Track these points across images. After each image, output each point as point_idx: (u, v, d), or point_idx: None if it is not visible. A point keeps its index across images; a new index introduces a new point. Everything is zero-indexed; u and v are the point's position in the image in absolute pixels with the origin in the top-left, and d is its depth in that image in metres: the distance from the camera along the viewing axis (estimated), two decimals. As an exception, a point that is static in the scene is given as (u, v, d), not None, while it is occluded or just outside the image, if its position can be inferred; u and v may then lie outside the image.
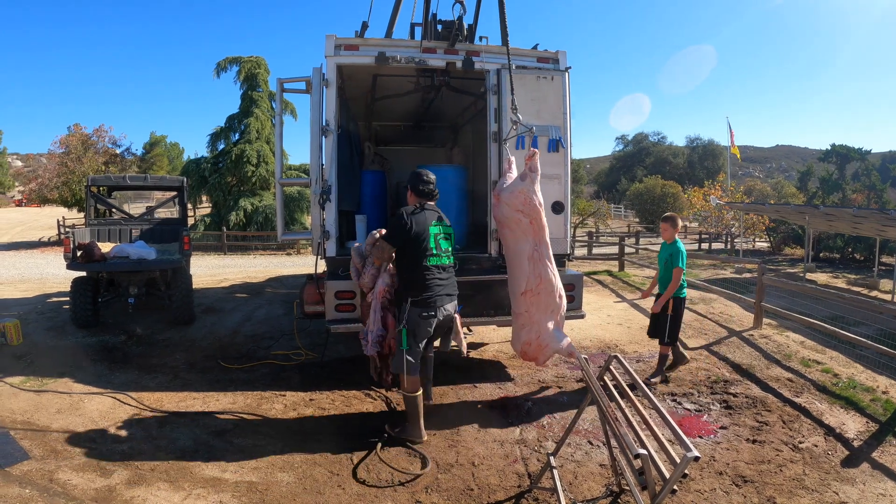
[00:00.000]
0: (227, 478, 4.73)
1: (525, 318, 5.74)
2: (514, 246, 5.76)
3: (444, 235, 5.44)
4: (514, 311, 5.85)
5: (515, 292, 5.78)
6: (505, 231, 5.85)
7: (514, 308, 5.84)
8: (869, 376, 7.19)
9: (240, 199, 29.38)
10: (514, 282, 5.81)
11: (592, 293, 13.28)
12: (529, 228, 5.66)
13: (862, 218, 15.53)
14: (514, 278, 5.79)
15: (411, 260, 5.27)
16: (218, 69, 31.60)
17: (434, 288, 5.27)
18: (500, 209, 5.80)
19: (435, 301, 5.26)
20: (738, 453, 5.23)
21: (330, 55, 6.66)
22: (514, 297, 5.83)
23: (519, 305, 5.77)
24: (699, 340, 8.99)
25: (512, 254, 5.82)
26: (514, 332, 5.94)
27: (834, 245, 25.68)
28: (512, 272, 5.85)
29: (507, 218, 5.72)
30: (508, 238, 5.83)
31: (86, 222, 10.72)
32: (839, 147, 36.92)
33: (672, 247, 7.09)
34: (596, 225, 38.86)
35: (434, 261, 5.30)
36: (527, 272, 5.65)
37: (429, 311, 5.23)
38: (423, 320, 5.23)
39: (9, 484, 4.49)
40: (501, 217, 5.80)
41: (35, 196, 33.81)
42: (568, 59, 7.17)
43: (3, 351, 7.86)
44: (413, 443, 5.35)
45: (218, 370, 7.43)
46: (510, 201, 5.66)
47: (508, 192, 5.72)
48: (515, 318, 5.87)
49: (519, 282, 5.70)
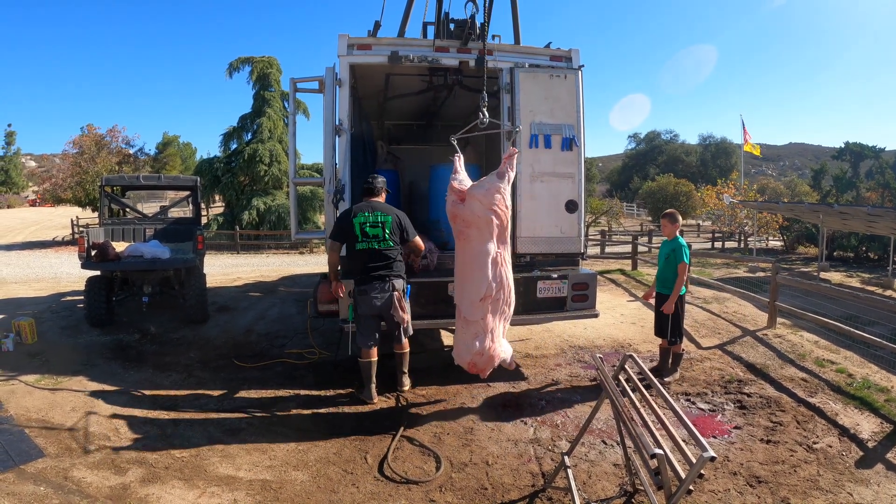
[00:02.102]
0: (242, 476, 4.75)
1: (480, 325, 5.41)
2: (479, 247, 5.39)
3: (370, 224, 6.17)
4: (467, 318, 5.46)
5: (472, 297, 5.42)
6: (471, 231, 5.41)
7: (468, 315, 5.46)
8: (884, 376, 7.13)
9: (252, 199, 29.44)
10: (472, 286, 5.43)
11: (606, 292, 13.23)
12: (497, 229, 5.41)
13: (877, 217, 15.41)
14: (473, 282, 5.42)
15: (348, 248, 6.26)
16: (230, 69, 31.69)
17: (364, 269, 6.17)
18: (470, 206, 5.37)
19: (364, 280, 6.16)
20: (753, 453, 5.20)
21: (343, 55, 6.67)
22: (468, 303, 5.46)
23: (475, 312, 5.41)
24: (713, 340, 8.94)
25: (474, 255, 5.42)
26: (463, 342, 5.51)
27: (848, 244, 25.47)
28: (470, 275, 5.46)
29: (478, 217, 5.35)
30: (473, 238, 5.41)
31: (100, 222, 10.79)
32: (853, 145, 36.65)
33: (673, 243, 7.06)
34: (609, 224, 38.80)
35: (361, 246, 6.15)
36: (489, 276, 5.38)
37: (361, 287, 6.17)
38: (360, 297, 6.18)
39: (24, 482, 4.52)
40: (470, 215, 5.37)
41: (49, 196, 34.07)
42: (581, 56, 7.16)
43: (17, 349, 7.91)
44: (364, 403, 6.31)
45: (232, 369, 7.46)
46: (485, 199, 5.35)
47: (484, 189, 5.40)
48: (466, 326, 5.49)
49: (479, 286, 5.38)
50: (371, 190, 6.42)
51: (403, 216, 6.39)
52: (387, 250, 6.20)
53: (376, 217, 6.19)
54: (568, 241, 7.11)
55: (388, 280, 6.18)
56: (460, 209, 5.44)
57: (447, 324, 7.99)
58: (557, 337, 8.90)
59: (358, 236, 6.14)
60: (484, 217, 5.33)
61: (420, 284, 6.80)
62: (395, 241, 6.26)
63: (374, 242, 6.16)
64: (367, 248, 6.15)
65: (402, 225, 6.31)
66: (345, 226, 6.20)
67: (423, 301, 6.86)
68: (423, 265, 6.81)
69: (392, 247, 6.23)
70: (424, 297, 6.86)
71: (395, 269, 6.25)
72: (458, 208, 5.46)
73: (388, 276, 6.18)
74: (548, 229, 6.97)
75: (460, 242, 5.53)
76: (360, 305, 6.21)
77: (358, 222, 6.14)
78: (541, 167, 6.86)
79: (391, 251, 6.22)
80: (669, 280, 7.01)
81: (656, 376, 6.90)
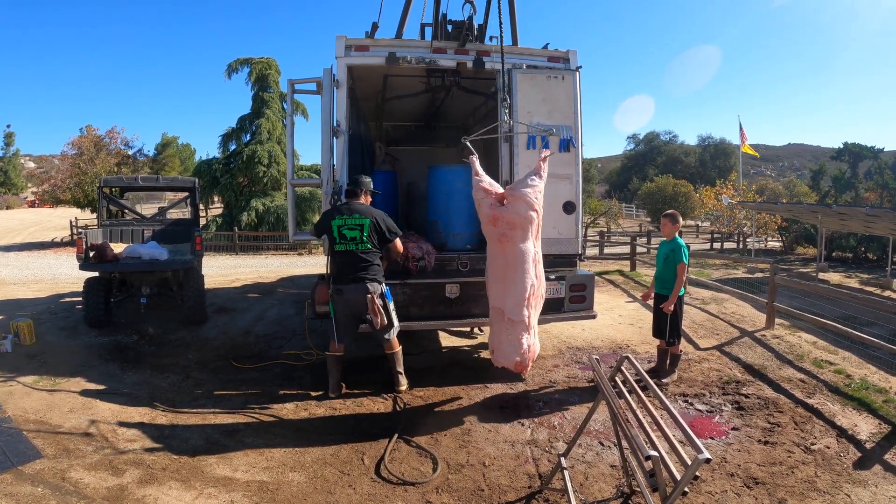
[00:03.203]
0: (239, 477, 4.75)
1: (525, 324, 5.54)
2: (523, 247, 5.51)
3: (348, 227, 6.24)
4: (512, 318, 5.53)
5: (518, 298, 5.51)
6: (515, 232, 5.49)
7: (513, 315, 5.53)
8: (882, 377, 7.13)
9: (251, 200, 29.49)
10: (516, 287, 5.52)
11: (604, 293, 13.24)
12: (536, 228, 5.60)
13: (875, 217, 15.45)
14: (518, 282, 5.51)
15: (328, 248, 6.43)
16: (229, 70, 31.74)
17: (340, 270, 6.32)
18: (515, 207, 5.46)
19: (341, 281, 6.30)
20: (750, 455, 5.20)
21: (340, 56, 6.68)
22: (513, 304, 5.53)
23: (521, 311, 5.51)
24: (711, 340, 8.94)
25: (518, 256, 5.51)
26: (509, 342, 5.57)
27: (847, 244, 25.50)
28: (513, 276, 5.53)
29: (523, 217, 5.46)
30: (518, 239, 5.50)
31: (98, 223, 10.79)
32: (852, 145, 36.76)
33: (672, 243, 7.05)
34: (607, 224, 38.80)
35: (339, 248, 6.26)
36: (532, 275, 5.55)
37: (338, 287, 6.31)
38: (337, 296, 6.33)
39: (21, 482, 4.52)
40: (515, 216, 5.46)
41: (48, 197, 34.08)
42: (579, 57, 7.16)
43: (16, 350, 7.91)
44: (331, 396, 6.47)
45: (230, 370, 7.47)
46: (529, 199, 5.48)
47: (528, 188, 5.53)
48: (512, 327, 5.54)
49: (524, 285, 5.51)
50: (351, 192, 6.48)
51: (383, 217, 6.41)
52: (364, 252, 6.26)
53: (354, 219, 6.25)
54: (566, 242, 7.11)
55: (364, 282, 6.22)
56: (503, 211, 5.50)
57: (445, 325, 8.01)
58: (555, 338, 8.90)
59: (336, 238, 6.24)
60: (528, 217, 5.47)
61: (417, 286, 6.80)
62: (374, 244, 6.31)
63: (352, 244, 6.24)
64: (345, 250, 6.24)
65: (380, 227, 6.33)
66: (324, 227, 6.35)
67: (420, 302, 6.86)
68: (420, 266, 6.80)
69: (369, 249, 6.28)
70: (422, 298, 6.86)
71: (371, 272, 6.30)
72: (499, 210, 5.52)
73: (363, 279, 6.23)
74: (545, 230, 6.91)
75: (503, 244, 5.56)
76: (337, 305, 6.35)
77: (336, 225, 6.25)
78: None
79: (368, 254, 6.28)
80: (668, 281, 7.01)
81: (654, 377, 6.91)
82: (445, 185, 7.61)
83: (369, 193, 6.58)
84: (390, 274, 6.80)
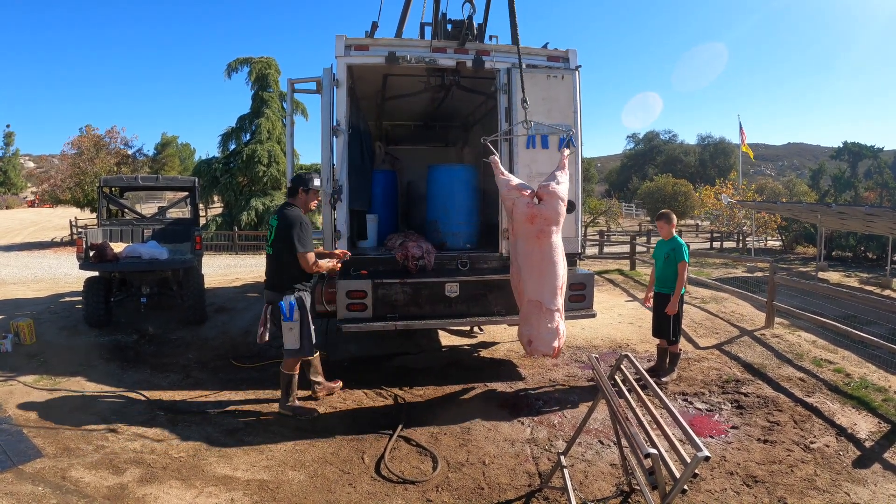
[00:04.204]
0: (239, 476, 4.76)
1: (560, 311, 5.72)
2: (556, 240, 5.72)
3: (270, 228, 5.95)
4: (549, 307, 5.63)
5: (554, 287, 5.67)
6: (552, 227, 5.67)
7: (550, 304, 5.63)
8: (881, 376, 7.14)
9: (251, 199, 29.48)
10: (552, 278, 5.68)
11: (604, 292, 13.24)
12: (563, 221, 5.83)
13: (875, 216, 15.45)
14: (553, 274, 5.67)
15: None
16: (229, 70, 31.71)
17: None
18: (554, 204, 5.68)
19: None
20: (749, 453, 5.21)
21: (340, 55, 6.67)
22: (549, 293, 5.65)
23: (557, 300, 5.67)
24: (710, 340, 8.95)
25: (553, 249, 5.69)
26: (549, 330, 5.63)
27: (846, 244, 25.51)
28: (550, 268, 5.67)
29: (559, 214, 5.73)
30: (553, 234, 5.70)
31: (98, 223, 10.78)
32: (851, 145, 36.79)
33: (672, 242, 7.04)
34: (607, 224, 38.81)
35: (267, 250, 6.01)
36: (562, 264, 5.75)
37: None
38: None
39: (22, 482, 4.53)
40: (553, 213, 5.67)
41: (48, 197, 34.07)
42: (578, 56, 7.16)
43: (16, 350, 7.91)
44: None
45: (229, 369, 7.47)
46: (564, 195, 5.79)
47: (561, 185, 5.82)
48: (550, 315, 5.64)
49: (559, 275, 5.70)
50: (289, 190, 6.16)
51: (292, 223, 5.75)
52: (269, 257, 5.97)
53: (273, 220, 5.95)
54: (565, 241, 7.07)
55: (270, 290, 5.96)
56: (541, 209, 5.70)
57: (445, 324, 8.01)
58: (555, 337, 8.88)
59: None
60: (561, 212, 5.74)
61: (417, 285, 6.80)
62: (279, 248, 5.81)
63: (267, 247, 6.02)
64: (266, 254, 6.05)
65: (286, 233, 5.74)
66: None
67: (420, 301, 6.86)
68: (420, 265, 6.80)
69: (271, 254, 5.91)
70: (422, 297, 6.86)
71: (273, 280, 5.96)
72: (537, 209, 5.71)
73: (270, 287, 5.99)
74: (545, 230, 6.97)
75: (539, 240, 5.70)
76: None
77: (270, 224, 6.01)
78: (538, 167, 6.86)
79: (272, 259, 5.94)
80: (670, 279, 6.99)
81: (654, 376, 6.91)
82: (445, 185, 7.62)
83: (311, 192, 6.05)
84: (392, 273, 6.80)
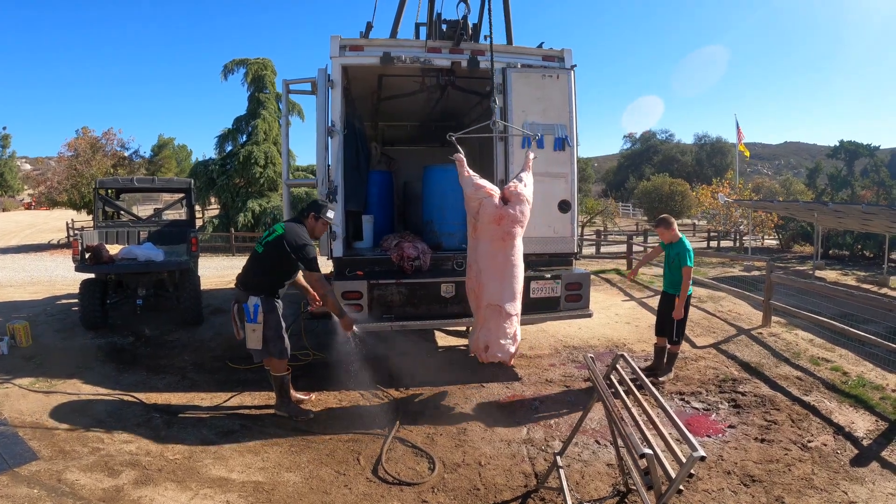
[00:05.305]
0: (234, 478, 4.74)
1: (518, 315, 5.74)
2: (518, 243, 5.70)
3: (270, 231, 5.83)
4: (510, 311, 5.60)
5: (514, 291, 5.66)
6: (516, 229, 5.65)
7: (511, 308, 5.61)
8: (878, 374, 7.15)
9: (248, 201, 29.46)
10: (516, 281, 5.67)
11: (600, 292, 13.23)
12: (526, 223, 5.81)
13: (871, 215, 15.49)
14: (515, 277, 5.67)
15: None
16: (225, 71, 31.72)
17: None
18: (521, 206, 5.67)
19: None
20: (747, 452, 5.21)
21: (335, 56, 6.67)
22: (510, 297, 5.62)
23: (516, 305, 5.68)
24: (708, 339, 8.95)
25: (515, 252, 5.68)
26: (508, 335, 5.59)
27: (843, 242, 25.56)
28: (512, 271, 5.66)
29: (525, 216, 5.72)
30: (518, 236, 5.68)
31: (94, 224, 10.76)
32: (848, 143, 36.82)
33: (677, 245, 6.97)
34: (604, 223, 38.84)
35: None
36: (521, 267, 5.76)
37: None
38: None
39: (18, 484, 4.51)
40: (521, 215, 5.65)
41: (44, 199, 33.94)
42: (574, 54, 7.16)
43: (12, 352, 7.88)
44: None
45: (226, 371, 7.45)
46: (529, 198, 5.78)
47: (526, 186, 5.81)
48: (509, 319, 5.61)
49: (519, 279, 5.71)
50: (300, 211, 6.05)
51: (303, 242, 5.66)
52: (255, 255, 5.84)
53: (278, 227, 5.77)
54: (561, 241, 7.11)
55: (236, 286, 5.98)
56: (508, 210, 5.61)
57: (441, 324, 8.00)
58: (552, 337, 8.90)
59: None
60: (526, 215, 5.72)
61: (413, 285, 6.79)
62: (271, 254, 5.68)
63: (258, 245, 5.87)
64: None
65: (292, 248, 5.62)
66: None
67: (416, 302, 6.86)
68: (415, 266, 6.80)
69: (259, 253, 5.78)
70: (418, 297, 6.86)
71: (246, 279, 5.86)
72: (504, 209, 5.61)
73: (239, 282, 5.95)
74: (541, 229, 6.96)
75: (504, 242, 5.63)
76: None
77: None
78: (533, 167, 6.85)
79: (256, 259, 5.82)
80: (677, 282, 6.95)
81: (650, 375, 6.91)
82: (440, 186, 7.62)
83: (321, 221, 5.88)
84: (388, 273, 6.80)
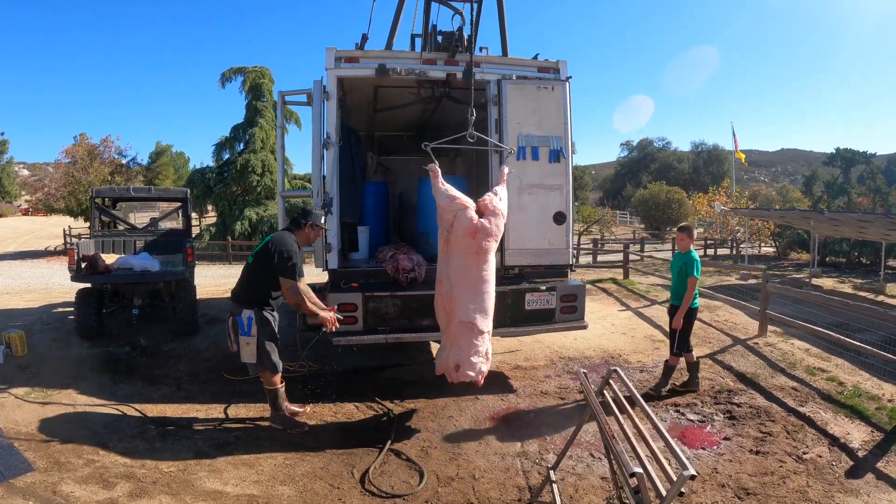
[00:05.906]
0: (229, 490, 4.73)
1: (489, 332, 5.71)
2: (492, 258, 5.66)
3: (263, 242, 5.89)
4: (482, 329, 5.53)
5: (487, 307, 5.59)
6: (491, 244, 5.59)
7: (484, 326, 5.54)
8: (875, 384, 7.16)
9: (245, 209, 29.47)
10: (488, 297, 5.60)
11: (596, 302, 13.23)
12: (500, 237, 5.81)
13: (867, 222, 15.54)
14: (487, 293, 5.59)
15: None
16: (223, 79, 31.73)
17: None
18: (497, 221, 5.63)
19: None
20: (742, 465, 5.21)
21: (330, 67, 6.69)
22: (482, 315, 5.53)
23: (488, 322, 5.62)
24: (703, 349, 8.94)
25: (489, 267, 5.61)
26: (480, 354, 5.54)
27: (840, 249, 25.63)
28: (485, 287, 5.58)
29: (500, 230, 5.71)
30: (492, 251, 5.63)
31: (90, 234, 10.76)
32: (844, 150, 36.86)
33: (686, 256, 6.97)
34: (601, 232, 38.85)
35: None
36: (493, 283, 5.71)
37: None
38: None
39: (12, 495, 4.50)
40: (496, 230, 5.61)
41: (41, 205, 34.02)
42: (569, 62, 7.18)
43: (8, 362, 7.86)
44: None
45: (221, 382, 7.43)
46: (504, 210, 5.78)
47: (502, 200, 5.80)
48: (481, 337, 5.54)
49: (492, 295, 5.65)
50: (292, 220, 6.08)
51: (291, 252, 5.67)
52: (248, 266, 5.93)
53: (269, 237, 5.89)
54: (556, 252, 7.11)
55: (231, 300, 6.07)
56: (484, 223, 5.53)
57: (436, 336, 7.97)
58: (547, 348, 8.90)
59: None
60: (502, 228, 5.69)
61: (408, 297, 6.79)
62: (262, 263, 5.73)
63: (250, 256, 5.94)
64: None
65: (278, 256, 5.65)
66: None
67: (411, 314, 6.85)
68: (410, 278, 6.79)
69: (250, 263, 5.87)
70: (412, 309, 6.85)
71: (240, 291, 5.98)
72: (480, 222, 5.53)
73: (233, 296, 6.06)
74: (536, 241, 6.98)
75: (479, 256, 5.55)
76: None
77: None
78: (528, 179, 6.87)
79: (248, 269, 5.90)
80: (682, 293, 6.95)
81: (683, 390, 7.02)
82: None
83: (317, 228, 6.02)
84: (383, 285, 6.79)
